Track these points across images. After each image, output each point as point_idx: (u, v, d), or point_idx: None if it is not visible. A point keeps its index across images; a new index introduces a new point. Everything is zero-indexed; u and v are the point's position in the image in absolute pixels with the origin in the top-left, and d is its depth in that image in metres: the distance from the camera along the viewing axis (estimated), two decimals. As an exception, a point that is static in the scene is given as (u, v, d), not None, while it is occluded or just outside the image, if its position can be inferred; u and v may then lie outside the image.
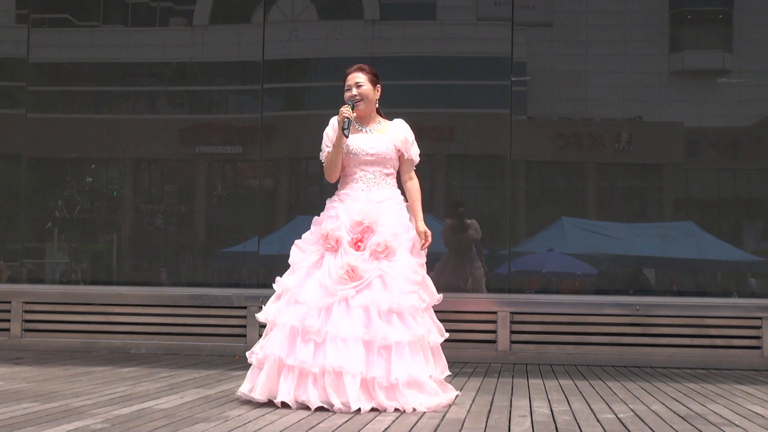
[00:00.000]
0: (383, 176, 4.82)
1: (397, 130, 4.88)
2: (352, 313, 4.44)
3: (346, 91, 4.84)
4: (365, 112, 4.87)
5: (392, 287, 4.51)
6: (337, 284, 4.50)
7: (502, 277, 7.48)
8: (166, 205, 8.12)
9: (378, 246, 4.58)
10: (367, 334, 4.39)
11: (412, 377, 4.39)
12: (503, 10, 7.65)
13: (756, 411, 4.59)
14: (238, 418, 4.10)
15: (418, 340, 4.47)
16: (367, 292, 4.49)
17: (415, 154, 4.92)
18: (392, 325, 4.44)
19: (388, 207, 4.75)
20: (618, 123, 7.89)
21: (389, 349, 4.39)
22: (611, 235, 7.64)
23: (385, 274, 4.54)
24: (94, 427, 3.77)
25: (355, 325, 4.40)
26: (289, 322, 4.47)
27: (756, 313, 6.92)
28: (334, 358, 4.33)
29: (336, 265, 4.55)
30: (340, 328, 4.39)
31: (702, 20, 8.06)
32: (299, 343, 4.42)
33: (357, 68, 4.88)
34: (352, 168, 4.81)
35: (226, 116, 8.27)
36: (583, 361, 6.97)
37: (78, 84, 8.33)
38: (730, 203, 7.88)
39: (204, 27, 8.19)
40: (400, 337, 4.41)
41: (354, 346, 4.36)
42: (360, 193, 4.77)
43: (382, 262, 4.57)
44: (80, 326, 7.48)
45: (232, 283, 7.82)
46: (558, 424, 4.06)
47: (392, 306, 4.46)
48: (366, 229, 4.63)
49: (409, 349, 4.43)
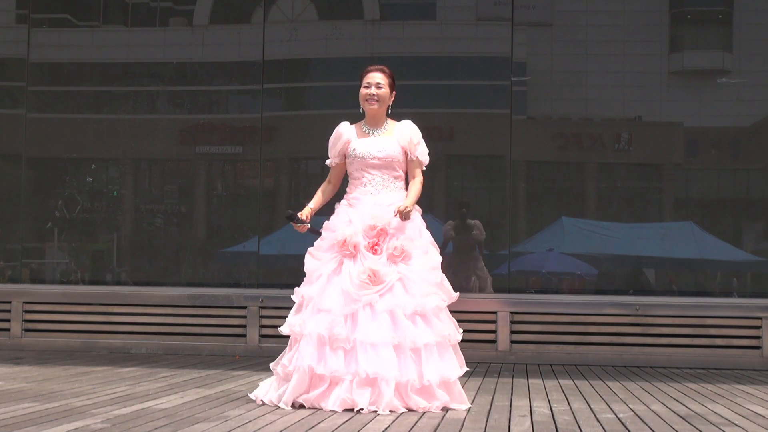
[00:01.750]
0: (391, 179, 4.81)
1: (402, 131, 4.85)
2: (378, 317, 4.46)
3: (363, 88, 4.83)
4: (377, 113, 4.86)
5: (412, 290, 4.54)
6: (359, 289, 4.50)
7: (502, 277, 7.48)
8: (166, 205, 8.12)
9: (395, 250, 4.59)
10: (395, 338, 4.42)
11: (443, 377, 4.45)
12: (503, 10, 7.65)
13: (756, 411, 4.58)
14: (238, 418, 4.10)
15: (444, 340, 4.53)
16: (389, 296, 4.51)
17: (422, 154, 4.88)
18: (418, 327, 4.48)
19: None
20: (618, 123, 7.89)
21: (419, 352, 4.44)
22: (611, 235, 7.64)
23: (404, 278, 4.56)
24: (94, 427, 3.77)
25: (383, 330, 4.42)
26: (315, 331, 4.47)
27: (756, 313, 6.92)
28: (367, 365, 4.35)
29: (357, 270, 4.55)
30: (368, 334, 4.41)
31: (702, 20, 8.06)
32: (328, 351, 4.43)
33: (379, 69, 4.87)
34: (360, 171, 4.81)
35: (226, 116, 8.27)
36: (583, 361, 6.97)
37: (78, 84, 8.33)
38: (730, 203, 7.88)
39: (204, 27, 8.19)
40: (427, 338, 4.46)
41: (385, 350, 4.38)
42: (368, 197, 4.76)
43: (400, 265, 4.59)
44: (80, 326, 7.48)
45: (232, 283, 7.82)
46: (558, 424, 4.06)
47: (417, 308, 4.50)
48: (380, 232, 4.64)
49: (438, 350, 4.49)
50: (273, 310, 7.22)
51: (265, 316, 7.28)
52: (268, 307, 7.27)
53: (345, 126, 4.92)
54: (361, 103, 4.88)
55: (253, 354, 7.18)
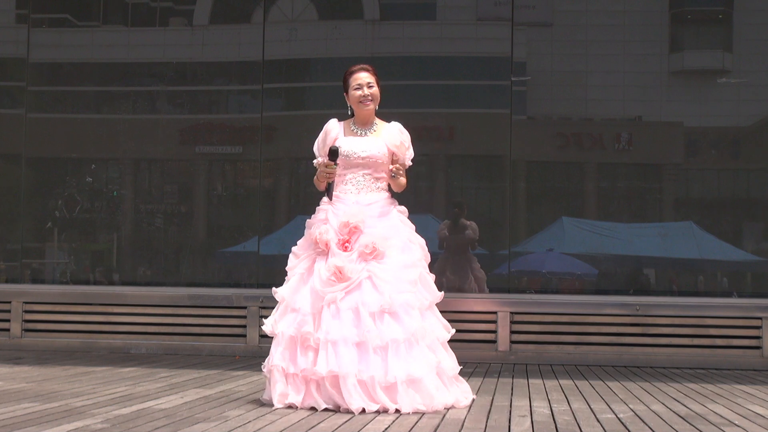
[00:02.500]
0: (374, 179, 4.77)
1: (392, 134, 4.81)
2: (341, 315, 4.40)
3: (355, 90, 4.77)
4: (370, 113, 4.84)
5: (382, 288, 4.45)
6: (325, 287, 4.47)
7: (502, 277, 7.48)
8: (166, 205, 8.12)
9: (366, 247, 4.53)
10: (357, 335, 4.35)
11: (410, 375, 4.33)
12: (503, 10, 7.65)
13: (756, 411, 4.59)
14: (238, 418, 4.10)
15: (414, 338, 4.42)
16: (357, 293, 4.45)
17: (410, 158, 4.88)
18: (385, 325, 4.39)
19: (377, 209, 4.70)
20: (618, 123, 7.89)
21: (385, 349, 4.35)
22: (611, 235, 7.64)
23: (374, 276, 4.48)
24: (94, 427, 3.77)
25: (345, 327, 4.37)
26: (287, 332, 4.49)
27: (756, 313, 6.92)
28: (326, 363, 4.31)
29: (324, 268, 4.53)
30: (330, 332, 4.37)
31: (702, 20, 8.06)
32: (299, 351, 4.43)
33: (364, 68, 4.83)
34: (342, 170, 4.77)
35: (226, 116, 8.27)
36: (583, 361, 6.97)
37: (78, 84, 8.33)
38: (730, 203, 7.88)
39: (204, 27, 8.19)
40: (395, 335, 4.36)
41: (344, 348, 4.33)
42: (349, 196, 4.74)
43: (371, 263, 4.52)
44: (80, 326, 7.48)
45: (232, 283, 7.82)
46: (558, 424, 4.06)
47: (383, 305, 4.40)
48: (353, 229, 4.59)
49: (405, 347, 4.38)
50: (273, 310, 7.21)
51: (265, 316, 7.20)
52: (268, 307, 7.21)
53: (333, 123, 4.87)
54: (352, 105, 4.82)
55: (253, 354, 7.18)
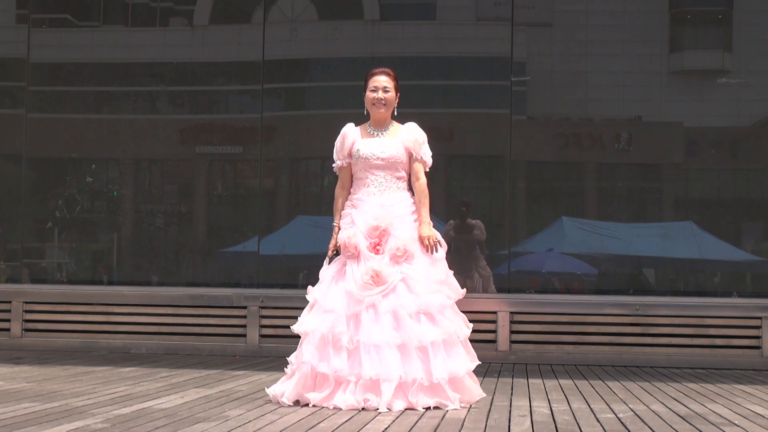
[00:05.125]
0: (394, 180, 4.84)
1: (407, 132, 4.90)
2: (381, 318, 4.49)
3: (371, 92, 4.85)
4: (385, 116, 4.90)
5: (416, 289, 4.56)
6: (363, 290, 4.54)
7: (502, 277, 7.48)
8: (166, 205, 8.11)
9: (398, 250, 4.62)
10: (399, 337, 4.44)
11: (452, 374, 4.47)
12: (503, 10, 7.65)
13: (756, 411, 4.59)
14: (238, 418, 4.10)
15: (450, 337, 4.54)
16: (393, 297, 4.54)
17: (426, 156, 4.92)
18: (423, 326, 4.50)
19: (400, 210, 4.78)
20: (618, 123, 7.89)
21: (426, 351, 4.46)
22: (611, 235, 7.64)
23: (407, 278, 4.59)
24: (94, 427, 3.77)
25: (386, 331, 4.45)
26: (318, 330, 4.53)
27: (755, 313, 6.92)
28: (370, 367, 4.38)
29: (360, 271, 4.59)
30: (371, 336, 4.45)
31: (702, 20, 8.06)
32: (331, 351, 4.47)
33: (384, 72, 4.90)
34: (363, 172, 4.84)
35: (226, 116, 8.27)
36: (583, 361, 6.97)
37: (78, 84, 8.33)
38: (730, 203, 7.88)
39: (204, 27, 8.19)
40: (434, 336, 4.48)
41: (387, 351, 4.41)
42: (372, 197, 4.80)
43: (403, 265, 4.62)
44: (80, 326, 7.49)
45: (232, 283, 7.82)
46: (558, 424, 4.06)
47: (420, 307, 4.52)
48: (383, 232, 4.67)
49: (445, 348, 4.50)
50: (273, 310, 7.23)
51: (265, 316, 7.29)
52: (268, 307, 7.28)
53: (350, 127, 4.96)
54: (367, 107, 4.93)
55: (253, 354, 7.19)
